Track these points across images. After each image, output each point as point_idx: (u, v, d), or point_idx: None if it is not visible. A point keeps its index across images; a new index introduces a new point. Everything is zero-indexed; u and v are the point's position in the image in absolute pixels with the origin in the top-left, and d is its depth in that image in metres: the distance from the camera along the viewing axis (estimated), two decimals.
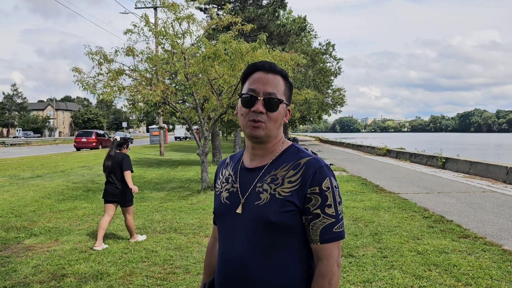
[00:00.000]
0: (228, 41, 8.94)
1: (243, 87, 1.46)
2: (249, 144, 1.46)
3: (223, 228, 1.46)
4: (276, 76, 1.43)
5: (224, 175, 1.55)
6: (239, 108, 1.45)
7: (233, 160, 1.58)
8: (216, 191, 1.56)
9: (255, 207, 1.37)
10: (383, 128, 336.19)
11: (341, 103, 47.57)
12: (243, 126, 1.42)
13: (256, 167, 1.44)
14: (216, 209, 1.51)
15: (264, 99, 1.38)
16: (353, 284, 4.28)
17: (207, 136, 10.54)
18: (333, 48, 43.04)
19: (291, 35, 29.05)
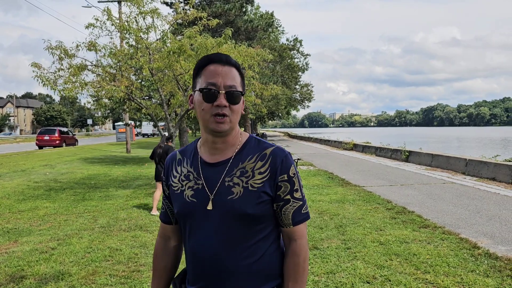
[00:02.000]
0: (193, 36, 8.86)
1: (198, 81, 1.42)
2: (209, 138, 1.43)
3: (191, 225, 1.44)
4: (231, 68, 1.41)
5: (180, 172, 1.50)
6: (198, 102, 1.40)
7: (186, 156, 1.53)
8: (175, 189, 1.49)
9: (229, 201, 1.38)
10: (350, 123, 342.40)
11: (309, 98, 48.09)
12: (205, 121, 1.38)
13: (219, 161, 1.44)
14: (181, 208, 1.45)
15: (226, 92, 1.37)
16: (317, 276, 4.35)
17: (173, 133, 10.42)
18: (301, 44, 43.38)
19: (258, 31, 29.07)
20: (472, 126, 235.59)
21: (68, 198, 9.53)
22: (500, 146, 42.60)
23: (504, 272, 4.39)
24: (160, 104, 10.74)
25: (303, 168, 15.38)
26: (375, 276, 4.30)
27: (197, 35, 8.99)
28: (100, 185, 11.59)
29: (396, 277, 4.27)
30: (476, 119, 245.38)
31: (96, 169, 16.23)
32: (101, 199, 9.37)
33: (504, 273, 4.34)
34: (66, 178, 13.39)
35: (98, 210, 8.14)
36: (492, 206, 7.79)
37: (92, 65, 9.77)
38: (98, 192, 10.32)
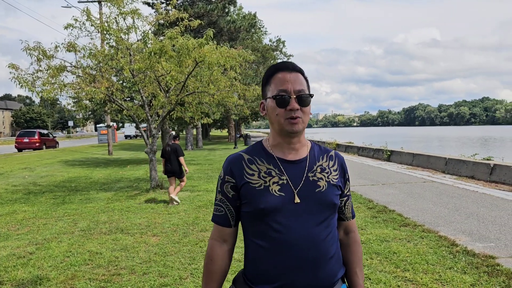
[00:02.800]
0: (175, 37, 8.80)
1: (269, 88, 1.56)
2: (286, 139, 1.56)
3: (279, 220, 1.49)
4: (298, 74, 1.55)
5: (258, 170, 1.55)
6: (271, 108, 1.53)
7: (257, 156, 1.59)
8: (256, 186, 1.52)
9: (318, 193, 1.53)
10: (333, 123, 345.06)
11: None
12: (280, 124, 1.52)
13: (298, 159, 1.57)
14: (269, 203, 1.49)
15: (296, 96, 1.50)
16: None
17: (155, 134, 10.35)
18: (284, 45, 43.57)
19: (241, 32, 29.09)
20: (453, 125, 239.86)
21: (47, 202, 9.37)
22: (479, 145, 43.47)
23: (481, 268, 4.47)
24: (142, 105, 10.65)
25: None
26: None
27: (179, 36, 8.94)
28: (80, 188, 11.42)
29: (376, 275, 4.32)
30: (456, 119, 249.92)
31: (77, 171, 15.99)
32: (82, 202, 9.23)
33: (481, 270, 4.43)
34: (45, 181, 13.16)
35: (78, 213, 8.02)
36: (470, 204, 7.94)
37: (71, 66, 9.63)
38: (79, 195, 10.17)
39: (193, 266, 4.81)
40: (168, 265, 4.85)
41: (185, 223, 6.96)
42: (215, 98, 10.09)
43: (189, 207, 8.33)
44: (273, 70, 1.57)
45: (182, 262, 4.96)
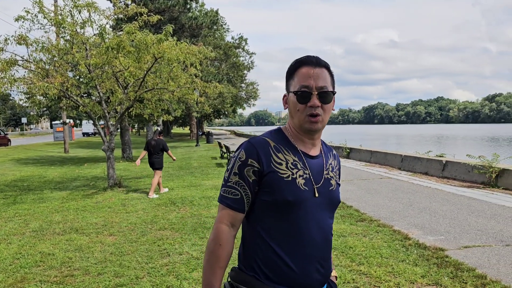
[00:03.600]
0: (133, 32, 8.60)
1: (291, 83, 1.53)
2: (306, 136, 1.55)
3: (301, 214, 1.47)
4: (322, 69, 1.50)
5: (285, 160, 1.50)
6: (293, 103, 1.51)
7: (282, 145, 1.53)
8: (284, 176, 1.47)
9: (329, 192, 1.55)
10: None
11: (255, 97, 48.39)
12: (300, 120, 1.50)
13: (316, 155, 1.58)
14: (295, 195, 1.45)
15: (318, 93, 1.47)
16: None
17: (113, 131, 10.08)
18: (246, 43, 43.55)
19: (203, 28, 28.80)
20: (410, 123, 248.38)
21: None
22: (432, 142, 45.28)
23: (431, 260, 4.66)
24: (99, 102, 10.34)
25: None
26: None
27: (137, 31, 8.74)
28: (33, 187, 10.97)
29: None
30: (413, 117, 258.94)
31: (30, 170, 15.35)
32: (34, 201, 8.87)
33: (431, 262, 4.61)
34: None
35: (31, 213, 7.70)
36: (423, 199, 8.25)
37: (23, 60, 9.21)
38: (31, 195, 9.77)
39: (150, 265, 4.72)
40: (124, 265, 4.75)
41: (143, 221, 6.83)
42: (175, 95, 9.96)
43: (148, 205, 8.19)
44: (298, 64, 1.53)
45: (139, 261, 4.87)
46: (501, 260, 4.68)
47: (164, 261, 4.85)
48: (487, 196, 8.51)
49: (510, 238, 5.55)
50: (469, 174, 10.53)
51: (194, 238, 5.78)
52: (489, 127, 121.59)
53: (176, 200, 8.65)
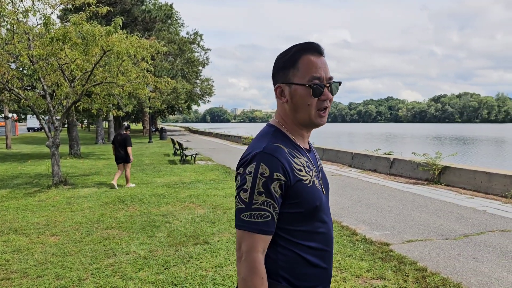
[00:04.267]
0: (79, 23, 8.23)
1: (295, 73, 1.36)
2: (306, 130, 1.45)
3: (321, 215, 1.40)
4: (325, 58, 1.41)
5: (301, 164, 1.37)
6: (302, 97, 1.36)
7: (290, 147, 1.39)
8: (307, 182, 1.35)
9: (326, 182, 1.50)
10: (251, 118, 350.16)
11: (210, 93, 48.03)
12: (310, 116, 1.37)
13: (310, 148, 1.51)
14: (321, 199, 1.38)
15: (329, 85, 1.37)
16: (205, 270, 4.33)
17: (58, 126, 9.63)
18: (201, 38, 43.06)
19: (157, 22, 28.19)
20: (361, 122, 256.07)
21: None
22: (382, 140, 46.94)
23: (376, 255, 4.80)
24: (43, 95, 9.84)
25: (201, 163, 15.30)
26: None
27: (84, 22, 8.37)
28: None
29: None
30: (365, 116, 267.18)
31: None
32: None
33: (376, 256, 4.75)
34: None
35: None
36: (371, 195, 8.51)
37: None
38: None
39: (94, 265, 4.54)
40: (66, 266, 4.53)
41: (89, 220, 6.57)
42: (125, 89, 9.65)
43: (95, 203, 7.89)
44: (301, 51, 1.36)
45: (82, 262, 4.67)
46: (440, 253, 4.90)
47: (110, 261, 4.69)
48: (430, 192, 8.91)
49: (450, 232, 5.83)
50: (414, 171, 10.98)
51: (142, 237, 5.63)
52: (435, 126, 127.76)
53: (125, 198, 8.40)
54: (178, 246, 5.17)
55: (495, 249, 5.07)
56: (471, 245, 5.23)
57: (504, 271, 4.35)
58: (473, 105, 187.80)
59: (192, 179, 11.08)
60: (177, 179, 11.06)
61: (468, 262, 4.60)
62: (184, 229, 5.99)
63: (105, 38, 8.21)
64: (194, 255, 4.82)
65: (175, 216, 6.77)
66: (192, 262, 4.60)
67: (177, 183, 10.42)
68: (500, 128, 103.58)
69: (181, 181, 10.66)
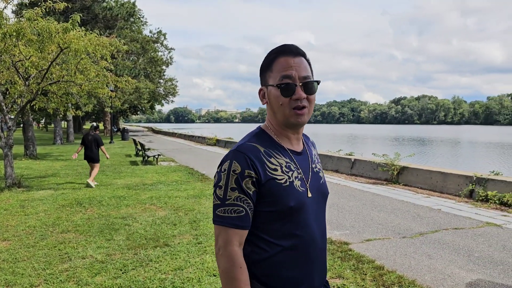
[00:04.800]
0: (34, 19, 7.91)
1: (270, 75, 1.41)
2: (290, 131, 1.45)
3: (302, 216, 1.40)
4: (301, 58, 1.41)
5: (279, 164, 1.40)
6: (275, 98, 1.39)
7: (269, 147, 1.41)
8: (281, 182, 1.37)
9: (320, 186, 1.48)
10: (216, 118, 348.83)
11: (174, 93, 47.43)
12: (285, 115, 1.39)
13: (301, 150, 1.49)
14: (297, 200, 1.38)
15: (302, 84, 1.37)
16: (164, 273, 4.25)
17: (11, 126, 9.21)
18: (165, 37, 42.47)
19: (118, 20, 27.58)
20: (325, 123, 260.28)
21: None
22: (344, 141, 47.91)
23: (336, 254, 4.87)
24: None
25: (164, 164, 15.08)
26: None
27: (39, 18, 8.05)
28: None
29: None
30: (328, 117, 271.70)
31: None
32: None
33: (336, 255, 4.83)
34: None
35: None
36: (333, 195, 8.64)
37: None
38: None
39: (48, 271, 4.37)
40: (18, 272, 4.33)
41: (43, 224, 6.32)
42: (84, 88, 9.36)
43: (50, 206, 7.60)
44: (275, 53, 1.41)
45: (35, 267, 4.48)
46: (397, 251, 5.04)
47: (65, 266, 4.52)
48: (389, 192, 9.16)
49: (406, 230, 6.01)
50: (374, 171, 11.26)
51: (100, 240, 5.47)
52: (395, 127, 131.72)
53: (83, 200, 8.14)
54: (137, 249, 5.06)
55: (448, 246, 5.27)
56: (426, 243, 5.41)
57: (456, 267, 4.52)
58: (431, 108, 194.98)
59: (154, 180, 10.90)
60: (138, 181, 10.84)
61: (423, 260, 4.75)
62: (144, 231, 5.87)
63: (62, 35, 7.93)
64: (153, 258, 4.73)
65: (135, 219, 6.62)
66: (151, 265, 4.51)
67: (138, 184, 10.21)
68: (456, 129, 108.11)
69: (143, 183, 10.46)
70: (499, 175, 8.76)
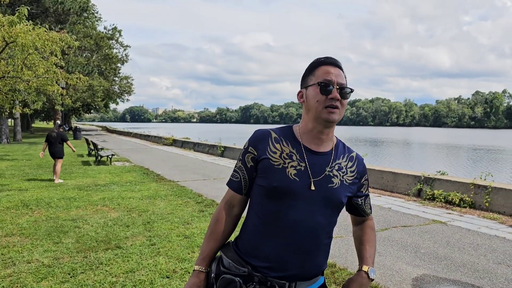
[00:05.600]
0: None
1: (311, 78, 1.61)
2: (317, 128, 1.59)
3: (289, 202, 1.53)
4: (340, 70, 1.62)
5: (281, 150, 1.59)
6: (313, 95, 1.57)
7: (284, 137, 1.63)
8: (274, 163, 1.57)
9: (329, 188, 1.57)
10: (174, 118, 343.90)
11: (129, 91, 46.31)
12: (318, 111, 1.55)
13: (323, 152, 1.62)
14: (282, 183, 1.53)
15: (339, 88, 1.56)
16: (115, 277, 4.14)
17: None
18: (120, 34, 41.34)
19: (71, 15, 26.55)
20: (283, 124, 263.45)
21: None
22: None
23: None
24: None
25: (118, 165, 14.68)
26: (176, 270, 4.32)
27: None
28: None
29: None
30: (286, 118, 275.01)
31: None
32: None
33: None
34: None
35: None
36: None
37: None
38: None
39: None
40: None
41: None
42: (32, 85, 8.93)
43: None
44: (318, 62, 1.62)
45: None
46: (349, 249, 5.17)
47: (8, 271, 4.29)
48: None
49: None
50: None
51: (47, 243, 5.24)
52: (350, 129, 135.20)
53: (30, 202, 7.78)
54: (87, 252, 4.89)
55: (397, 243, 5.48)
56: (376, 240, 5.58)
57: (403, 263, 4.71)
58: (384, 110, 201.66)
59: (107, 181, 10.59)
60: (90, 181, 10.49)
61: None
62: (95, 233, 5.68)
63: (7, 28, 7.52)
64: (104, 261, 4.59)
65: (86, 221, 6.40)
66: (102, 268, 4.37)
67: (90, 185, 9.88)
68: (407, 131, 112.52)
69: (95, 183, 10.14)
70: (445, 174, 9.20)
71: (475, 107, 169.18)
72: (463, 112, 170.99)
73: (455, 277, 4.32)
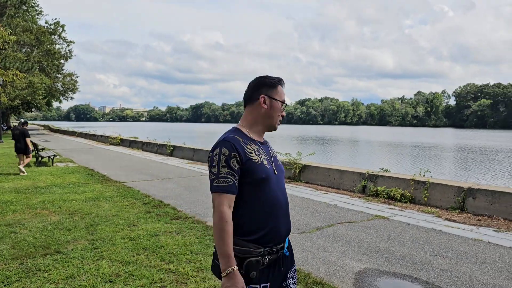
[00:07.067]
0: None
1: (275, 92, 2.09)
2: (265, 130, 2.13)
3: (269, 185, 1.97)
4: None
5: (252, 149, 1.99)
6: (277, 109, 2.09)
7: (245, 139, 2.01)
8: (256, 161, 1.95)
9: (279, 165, 2.11)
10: (122, 117, 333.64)
11: (73, 89, 44.41)
12: (275, 122, 2.11)
13: (264, 141, 2.13)
14: (265, 173, 1.96)
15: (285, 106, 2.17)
16: (54, 283, 3.94)
17: None
18: (63, 29, 39.52)
19: (8, 7, 25.03)
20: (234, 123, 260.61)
21: None
22: None
23: None
24: None
25: (60, 165, 14.04)
26: (119, 274, 4.19)
27: None
28: None
29: (141, 271, 4.26)
30: (237, 117, 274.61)
31: None
32: None
33: None
34: None
35: None
36: None
37: None
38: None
39: None
40: None
41: None
42: None
43: None
44: (279, 81, 2.12)
45: None
46: (296, 246, 5.25)
47: None
48: (292, 189, 9.53)
49: (305, 226, 6.30)
50: None
51: None
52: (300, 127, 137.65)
53: None
54: (24, 258, 4.63)
55: (342, 239, 5.64)
56: (322, 237, 5.72)
57: (347, 258, 4.85)
58: (332, 109, 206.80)
59: (48, 183, 10.10)
60: (29, 183, 9.96)
61: (318, 253, 5.02)
62: (33, 238, 5.40)
63: None
64: (42, 267, 4.37)
65: (23, 225, 6.06)
66: (39, 275, 4.16)
67: (29, 187, 9.37)
68: (354, 129, 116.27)
69: (34, 186, 9.63)
70: (388, 171, 9.59)
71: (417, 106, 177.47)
72: (406, 111, 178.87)
73: (395, 270, 4.51)
